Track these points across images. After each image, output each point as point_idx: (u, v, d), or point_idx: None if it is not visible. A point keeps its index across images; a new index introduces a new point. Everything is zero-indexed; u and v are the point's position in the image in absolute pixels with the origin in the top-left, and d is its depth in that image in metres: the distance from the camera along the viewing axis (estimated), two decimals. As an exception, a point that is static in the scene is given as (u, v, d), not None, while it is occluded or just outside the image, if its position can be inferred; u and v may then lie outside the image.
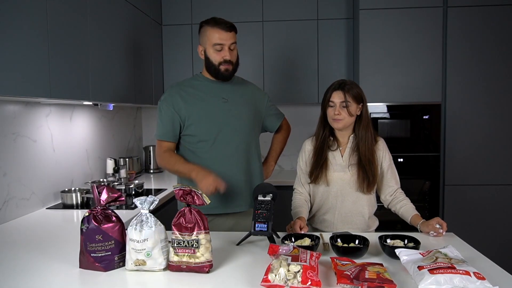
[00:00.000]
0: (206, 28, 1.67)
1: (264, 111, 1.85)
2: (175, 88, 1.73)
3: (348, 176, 1.62)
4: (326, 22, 3.01)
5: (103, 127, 2.71)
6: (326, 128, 1.67)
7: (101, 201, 1.20)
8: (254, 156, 1.78)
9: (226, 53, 1.65)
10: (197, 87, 1.72)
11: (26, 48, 1.52)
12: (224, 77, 1.70)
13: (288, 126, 1.99)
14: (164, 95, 1.73)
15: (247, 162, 1.74)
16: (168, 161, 1.70)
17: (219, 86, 1.72)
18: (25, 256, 1.31)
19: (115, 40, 2.30)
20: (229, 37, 1.65)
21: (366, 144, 1.60)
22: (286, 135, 1.98)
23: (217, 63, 1.66)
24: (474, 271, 1.01)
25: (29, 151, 1.95)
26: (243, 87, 1.80)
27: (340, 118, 1.58)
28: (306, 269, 1.01)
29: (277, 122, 1.91)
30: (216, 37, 1.63)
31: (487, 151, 2.72)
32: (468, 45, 2.68)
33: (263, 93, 1.89)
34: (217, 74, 1.69)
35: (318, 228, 1.71)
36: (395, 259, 1.20)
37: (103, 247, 1.17)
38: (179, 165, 1.67)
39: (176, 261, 1.15)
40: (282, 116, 1.94)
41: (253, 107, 1.78)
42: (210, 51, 1.66)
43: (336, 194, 1.64)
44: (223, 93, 1.71)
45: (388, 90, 2.74)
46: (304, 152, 1.71)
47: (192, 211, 1.16)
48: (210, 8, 3.03)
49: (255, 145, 1.79)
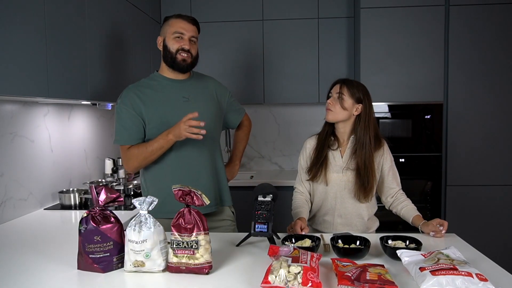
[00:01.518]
0: (169, 19, 1.66)
1: (226, 106, 1.80)
2: (132, 89, 1.64)
3: (345, 179, 1.62)
4: (327, 21, 3.00)
5: (102, 127, 2.70)
6: (328, 125, 1.67)
7: (99, 201, 1.19)
8: (218, 155, 1.75)
9: (185, 42, 1.62)
10: (155, 87, 1.65)
11: (23, 47, 1.50)
12: (181, 67, 1.64)
13: (250, 122, 1.94)
14: (120, 98, 1.64)
15: (212, 161, 1.70)
16: (138, 152, 1.58)
17: (179, 85, 1.67)
18: (23, 257, 1.30)
19: (114, 39, 2.28)
20: (191, 29, 1.64)
21: (364, 149, 1.58)
22: (248, 132, 1.93)
23: (175, 50, 1.62)
24: (476, 272, 1.00)
25: (27, 151, 1.94)
26: (203, 82, 1.75)
27: (331, 109, 1.60)
28: (306, 271, 1.00)
29: (238, 118, 1.87)
30: (178, 25, 1.63)
31: (489, 151, 2.71)
32: (471, 44, 2.67)
33: (224, 88, 1.83)
34: (173, 63, 1.63)
35: (318, 229, 1.70)
36: (397, 260, 1.20)
37: (102, 248, 1.16)
38: (150, 145, 1.56)
39: (175, 262, 1.14)
40: (243, 111, 1.90)
41: (215, 103, 1.74)
42: (169, 40, 1.63)
43: (335, 195, 1.63)
44: (183, 91, 1.66)
45: (389, 90, 2.73)
46: (305, 150, 1.71)
47: (192, 212, 1.16)
48: (209, 6, 3.02)
49: (218, 144, 1.76)
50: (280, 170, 3.32)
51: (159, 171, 1.65)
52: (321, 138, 1.67)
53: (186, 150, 1.63)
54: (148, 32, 2.86)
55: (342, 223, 1.65)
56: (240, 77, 1.87)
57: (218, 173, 1.73)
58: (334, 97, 1.60)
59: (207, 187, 1.66)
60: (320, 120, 1.78)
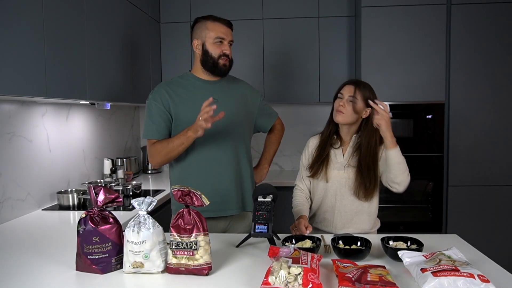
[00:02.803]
0: (206, 22, 1.66)
1: (257, 110, 1.81)
2: (163, 86, 1.70)
3: (345, 176, 1.62)
4: (328, 20, 2.99)
5: (100, 126, 2.69)
6: (332, 124, 1.67)
7: (98, 202, 1.19)
8: (244, 158, 1.74)
9: (226, 47, 1.65)
10: (186, 86, 1.69)
11: (21, 46, 1.50)
12: (221, 72, 1.68)
13: (282, 126, 1.96)
14: (152, 93, 1.69)
15: (237, 164, 1.70)
16: (161, 147, 1.62)
17: (210, 86, 1.70)
18: (21, 258, 1.30)
19: (112, 38, 2.28)
20: (230, 33, 1.68)
21: (369, 149, 1.58)
22: (280, 136, 1.94)
23: (217, 56, 1.65)
24: (478, 273, 1.00)
25: (25, 151, 1.93)
26: (234, 85, 1.77)
27: (343, 111, 1.58)
28: (307, 272, 1.00)
29: (270, 122, 1.88)
30: (219, 30, 1.64)
31: (491, 151, 2.70)
32: (473, 43, 2.66)
33: (256, 92, 1.85)
34: (215, 68, 1.67)
35: (318, 227, 1.70)
36: (398, 261, 1.19)
37: (100, 249, 1.16)
38: (172, 141, 1.59)
39: (174, 264, 1.14)
40: (276, 115, 1.91)
41: (245, 107, 1.75)
42: (209, 44, 1.65)
43: (335, 192, 1.63)
44: (213, 92, 1.66)
45: (390, 89, 2.71)
46: (308, 148, 1.73)
47: (191, 213, 1.15)
48: (209, 5, 3.01)
49: (246, 147, 1.75)
50: (280, 170, 3.31)
51: (183, 171, 1.69)
52: (324, 137, 1.68)
53: (210, 151, 1.66)
54: (147, 31, 2.85)
55: (342, 221, 1.64)
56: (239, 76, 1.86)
57: (242, 176, 1.73)
58: (346, 99, 1.58)
59: (229, 190, 1.67)
60: (320, 119, 1.77)
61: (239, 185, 1.71)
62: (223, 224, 1.72)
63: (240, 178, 1.72)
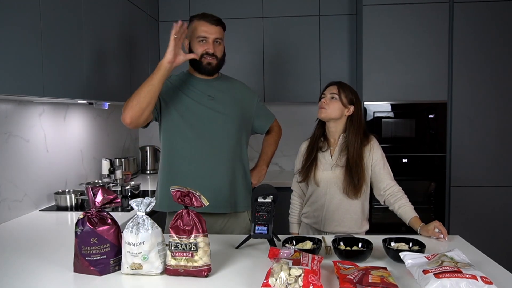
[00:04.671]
0: (193, 21, 1.67)
1: (253, 111, 1.81)
2: None
3: (334, 176, 1.67)
4: (328, 18, 2.98)
5: (98, 126, 2.68)
6: (318, 126, 1.77)
7: (96, 203, 1.18)
8: (239, 157, 1.73)
9: (209, 45, 1.63)
10: (183, 81, 1.71)
11: (18, 44, 1.48)
12: (206, 71, 1.67)
13: (280, 128, 1.96)
14: None
15: (231, 162, 1.69)
16: (133, 95, 1.50)
17: (205, 84, 1.70)
18: (18, 260, 1.29)
19: (111, 37, 2.27)
20: (215, 31, 1.65)
21: (354, 147, 1.66)
22: (278, 137, 1.94)
23: (199, 55, 1.64)
24: (481, 275, 0.99)
25: (22, 151, 1.92)
26: (230, 85, 1.77)
27: (324, 107, 1.67)
28: (307, 273, 1.00)
29: (267, 124, 1.87)
30: (201, 29, 1.64)
31: (494, 151, 2.69)
32: (475, 42, 2.65)
33: (253, 92, 1.85)
34: (199, 67, 1.66)
35: (310, 224, 1.76)
36: (400, 262, 1.19)
37: (98, 251, 1.15)
38: (144, 83, 1.49)
39: (173, 265, 1.13)
40: (273, 117, 1.91)
41: (241, 106, 1.74)
42: (194, 44, 1.65)
43: (325, 192, 1.70)
44: (208, 90, 1.68)
45: (392, 89, 2.70)
46: (299, 152, 1.80)
47: (190, 213, 1.15)
48: (208, 3, 2.99)
49: (241, 146, 1.74)
50: (280, 170, 3.30)
51: (174, 160, 1.67)
52: (312, 140, 1.76)
53: (203, 147, 1.65)
54: (146, 29, 2.84)
55: (330, 219, 1.68)
56: (239, 75, 1.86)
57: (235, 175, 1.71)
58: (328, 97, 1.68)
59: (220, 187, 1.66)
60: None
61: (231, 184, 1.69)
62: (219, 225, 1.71)
63: (233, 177, 1.70)
